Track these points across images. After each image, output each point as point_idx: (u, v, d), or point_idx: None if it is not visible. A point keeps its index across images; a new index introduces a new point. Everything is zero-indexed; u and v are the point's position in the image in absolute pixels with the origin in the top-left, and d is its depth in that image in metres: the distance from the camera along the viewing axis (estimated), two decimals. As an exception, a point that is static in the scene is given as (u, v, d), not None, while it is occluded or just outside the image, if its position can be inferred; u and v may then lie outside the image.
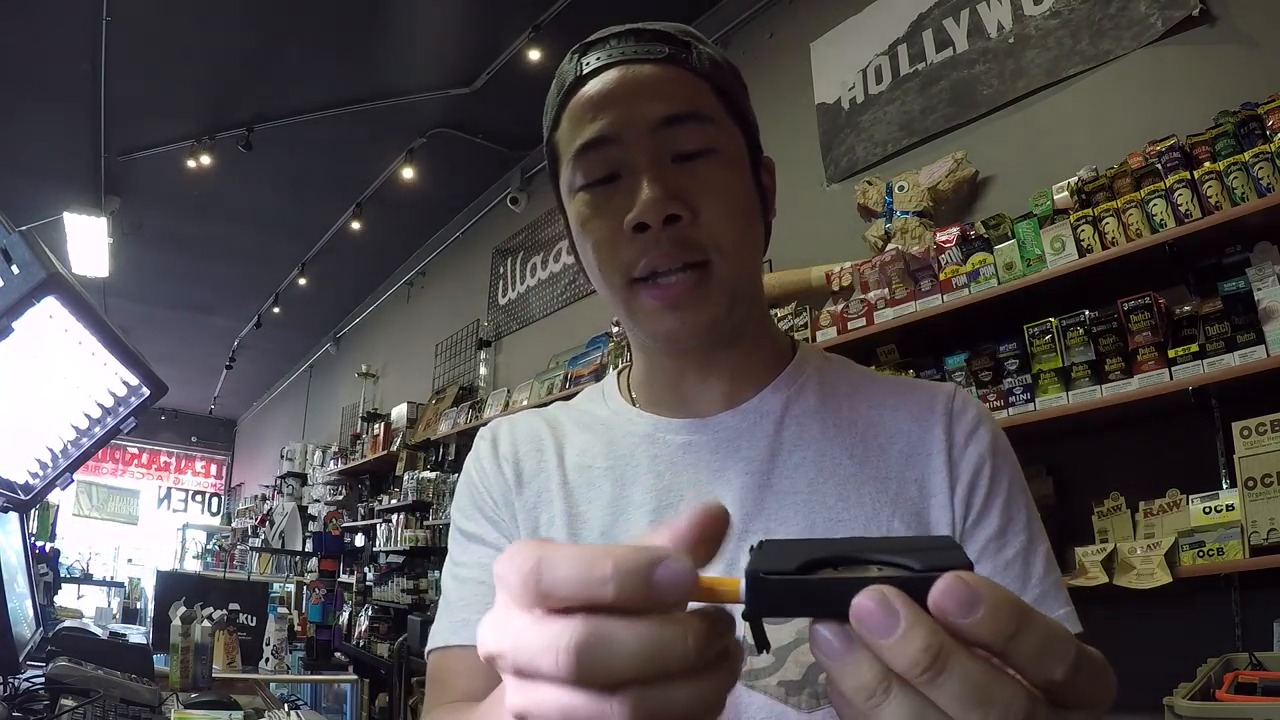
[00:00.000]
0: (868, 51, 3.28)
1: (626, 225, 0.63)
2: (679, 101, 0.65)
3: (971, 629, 0.26)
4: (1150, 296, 2.09)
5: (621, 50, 0.67)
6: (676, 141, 0.65)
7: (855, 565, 0.28)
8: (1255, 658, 1.74)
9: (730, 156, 0.68)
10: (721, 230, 0.65)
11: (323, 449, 7.91)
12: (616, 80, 0.66)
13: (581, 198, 0.68)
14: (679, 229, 0.64)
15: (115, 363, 1.34)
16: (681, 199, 0.64)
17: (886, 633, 0.26)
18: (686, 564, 0.28)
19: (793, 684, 0.60)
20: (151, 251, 6.54)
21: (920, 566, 0.27)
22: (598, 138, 0.65)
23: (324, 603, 4.63)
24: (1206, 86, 2.28)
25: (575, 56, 0.70)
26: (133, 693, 1.75)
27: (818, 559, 0.28)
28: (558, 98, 0.70)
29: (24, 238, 1.05)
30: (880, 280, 2.65)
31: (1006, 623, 0.26)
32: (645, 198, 0.63)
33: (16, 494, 1.44)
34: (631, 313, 0.68)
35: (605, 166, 0.66)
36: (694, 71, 0.67)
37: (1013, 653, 0.26)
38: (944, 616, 0.26)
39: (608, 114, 0.65)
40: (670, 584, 0.27)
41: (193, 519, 12.00)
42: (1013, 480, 0.68)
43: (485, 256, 5.84)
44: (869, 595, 0.26)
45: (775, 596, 0.28)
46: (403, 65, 4.47)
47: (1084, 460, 2.34)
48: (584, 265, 0.72)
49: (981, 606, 0.26)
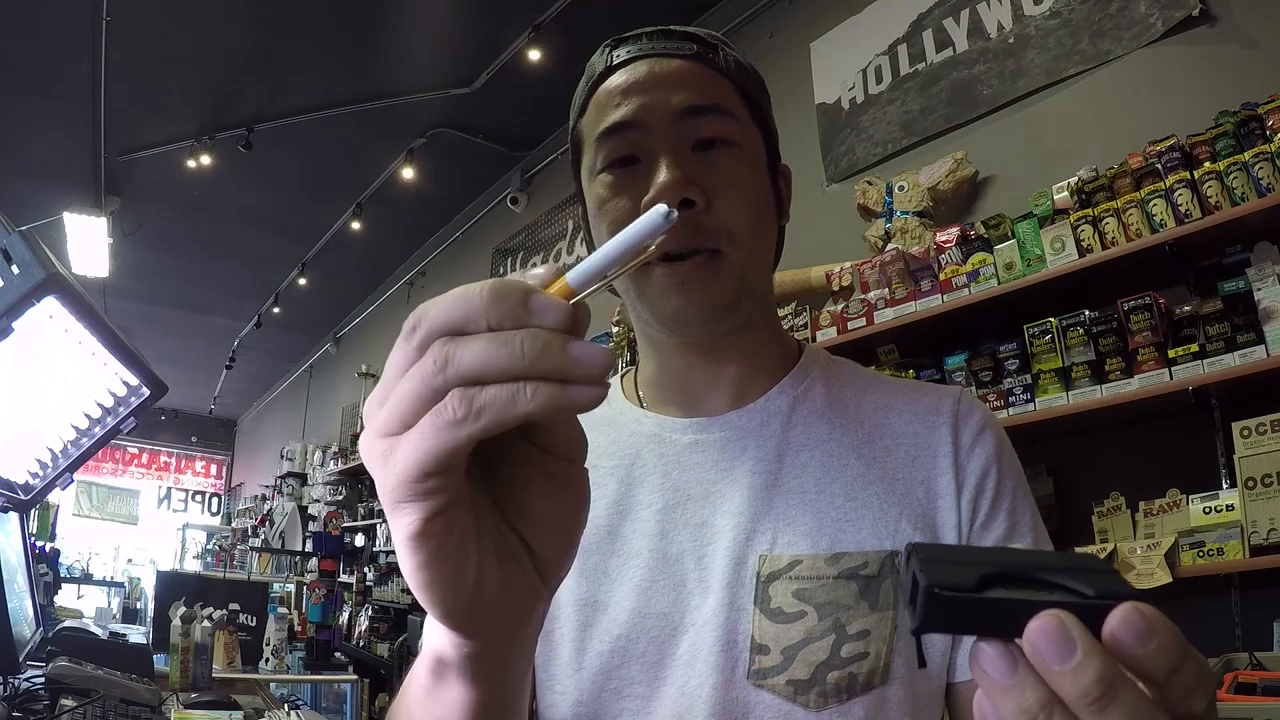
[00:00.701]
0: (868, 51, 3.28)
1: (643, 207, 0.65)
2: (702, 94, 0.68)
3: (1143, 661, 0.26)
4: (1150, 296, 2.09)
5: (652, 45, 0.70)
6: (697, 130, 0.67)
7: (1025, 584, 0.28)
8: (1255, 658, 1.74)
9: (748, 152, 0.70)
10: (734, 220, 0.67)
11: (323, 449, 7.90)
12: (645, 71, 0.68)
13: (601, 179, 0.69)
14: (693, 214, 0.65)
15: (115, 363, 1.33)
16: (698, 185, 0.65)
17: (1063, 660, 0.26)
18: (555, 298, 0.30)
19: (801, 683, 0.61)
20: (151, 251, 6.54)
21: (1092, 593, 0.27)
22: (622, 122, 0.67)
23: (324, 603, 4.63)
24: (1206, 86, 2.28)
25: (606, 49, 0.72)
26: (133, 693, 1.75)
27: (988, 575, 0.28)
28: (586, 86, 0.72)
29: (24, 238, 1.05)
30: (880, 280, 2.65)
31: (1175, 656, 0.26)
32: (663, 180, 0.64)
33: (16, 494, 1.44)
34: (640, 292, 0.69)
35: (626, 149, 0.68)
36: (719, 70, 0.70)
37: (1171, 685, 0.26)
38: (1118, 647, 0.26)
39: (633, 100, 0.67)
40: (544, 310, 0.30)
41: (193, 519, 12.00)
42: (1017, 484, 0.69)
43: (485, 256, 5.84)
44: (1047, 620, 0.26)
45: (948, 613, 0.27)
46: (403, 65, 4.47)
47: (1084, 460, 2.34)
48: (597, 246, 0.73)
49: (1155, 639, 0.26)
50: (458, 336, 0.30)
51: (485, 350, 0.29)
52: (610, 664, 0.64)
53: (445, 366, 0.30)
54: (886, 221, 2.88)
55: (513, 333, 0.30)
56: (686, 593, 0.65)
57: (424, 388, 0.30)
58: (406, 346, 0.32)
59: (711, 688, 0.61)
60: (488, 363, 0.29)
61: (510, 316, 0.30)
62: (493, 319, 0.30)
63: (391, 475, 0.31)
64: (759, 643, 0.62)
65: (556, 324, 0.30)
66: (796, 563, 0.64)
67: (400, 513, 0.32)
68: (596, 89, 0.71)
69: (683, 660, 0.63)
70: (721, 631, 0.62)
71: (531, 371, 0.29)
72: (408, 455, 0.31)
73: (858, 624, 0.61)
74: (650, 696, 0.63)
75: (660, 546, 0.67)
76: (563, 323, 0.30)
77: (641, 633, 0.64)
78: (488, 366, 0.29)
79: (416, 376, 0.31)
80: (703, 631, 0.63)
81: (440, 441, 0.30)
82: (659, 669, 0.64)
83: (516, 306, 0.30)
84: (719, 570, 0.65)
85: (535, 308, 0.30)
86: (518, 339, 0.29)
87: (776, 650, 0.61)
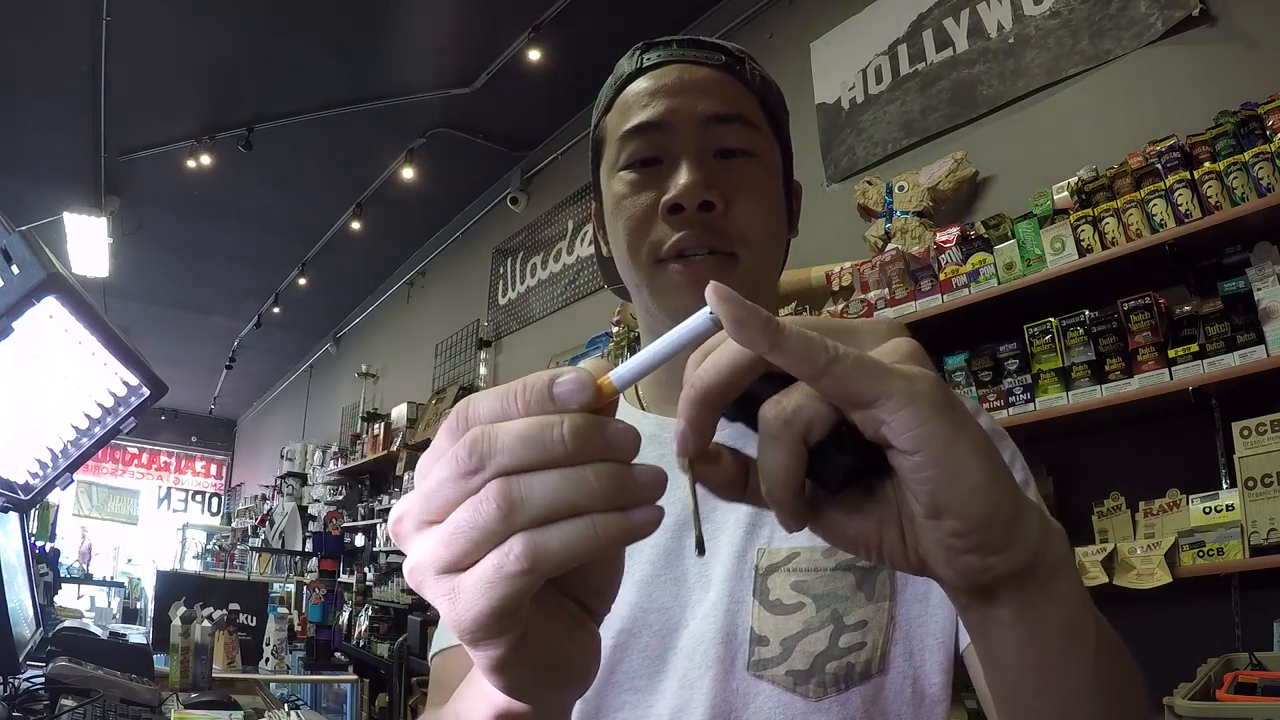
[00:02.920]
0: (868, 51, 3.28)
1: (663, 205, 0.67)
2: (728, 103, 0.70)
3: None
4: (1150, 296, 2.09)
5: (682, 53, 0.72)
6: (720, 139, 0.69)
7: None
8: (1255, 658, 1.74)
9: (767, 163, 0.72)
10: (750, 226, 0.69)
11: (323, 449, 7.90)
12: (674, 76, 0.71)
13: (622, 176, 0.71)
14: (711, 217, 0.67)
15: (115, 363, 1.33)
16: (718, 190, 0.67)
17: None
18: (583, 373, 0.30)
19: (800, 674, 0.62)
20: (151, 251, 6.54)
21: None
22: (648, 122, 0.69)
23: (324, 603, 4.62)
24: (1206, 86, 2.28)
25: (636, 53, 0.74)
26: (133, 693, 1.75)
27: None
28: (613, 86, 0.74)
29: (24, 238, 1.05)
30: (880, 280, 2.65)
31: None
32: (685, 182, 0.66)
33: (16, 494, 1.44)
34: (654, 287, 0.70)
35: (650, 149, 0.70)
36: (745, 83, 0.72)
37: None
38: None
39: (660, 103, 0.70)
40: (568, 392, 0.30)
41: (193, 519, 12.00)
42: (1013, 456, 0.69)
43: (485, 256, 5.84)
44: None
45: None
46: (403, 65, 4.47)
47: (1084, 460, 2.34)
48: (612, 243, 0.75)
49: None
50: (522, 474, 0.29)
51: (555, 491, 0.29)
52: (613, 657, 0.65)
53: (511, 514, 0.29)
54: (886, 221, 2.87)
55: (586, 472, 0.29)
56: (688, 588, 0.67)
57: (485, 534, 0.29)
58: (457, 457, 0.30)
59: (712, 679, 0.62)
60: (557, 504, 0.29)
61: (587, 449, 0.29)
62: (569, 449, 0.29)
63: (463, 619, 0.30)
64: (758, 634, 0.63)
65: (626, 455, 0.30)
66: (794, 555, 0.65)
67: (478, 650, 0.32)
68: (624, 90, 0.73)
69: (683, 652, 0.64)
70: (721, 624, 0.64)
71: (597, 506, 0.29)
72: (476, 604, 0.30)
73: (855, 614, 0.63)
74: (651, 689, 0.64)
75: (662, 543, 0.68)
76: (631, 453, 0.30)
77: (643, 627, 0.66)
78: (557, 509, 0.29)
79: (478, 521, 0.29)
80: (703, 624, 0.64)
81: (508, 589, 0.29)
82: (660, 661, 0.65)
83: (593, 437, 0.29)
84: (720, 565, 0.66)
85: (613, 440, 0.30)
86: (591, 479, 0.29)
87: (776, 641, 0.63)
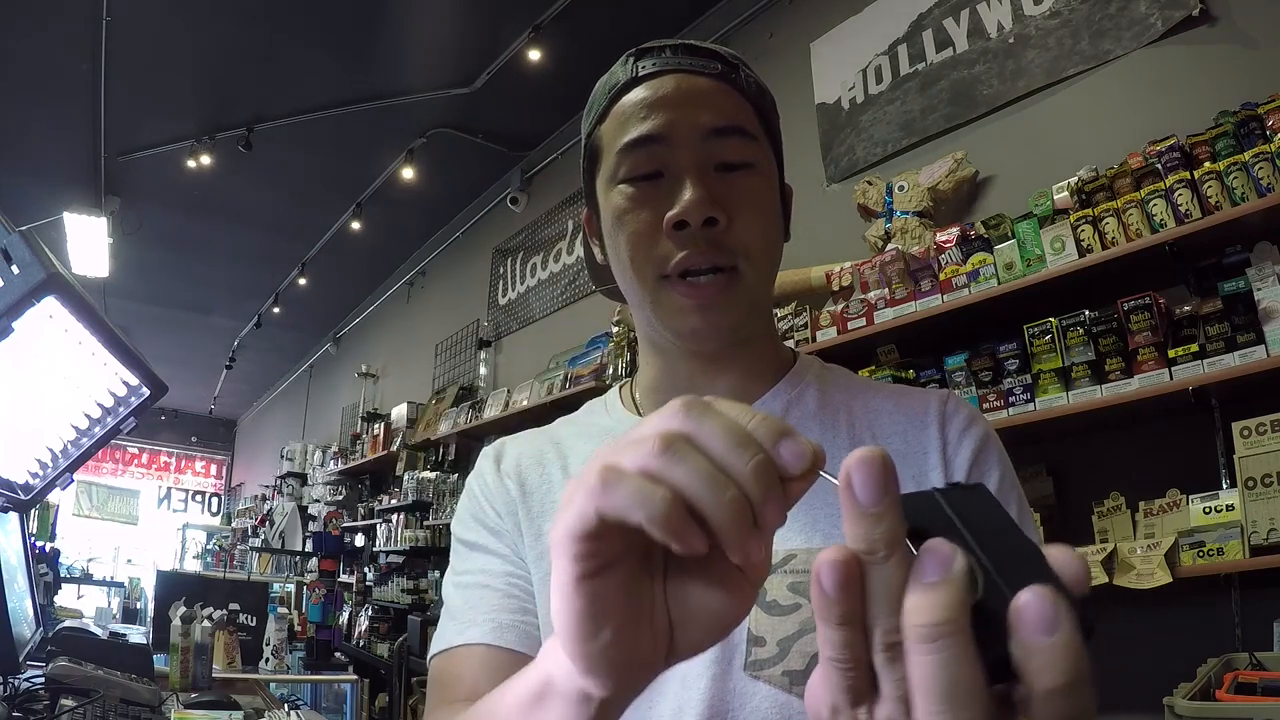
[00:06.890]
0: (868, 51, 3.28)
1: (667, 222, 0.67)
2: (728, 115, 0.70)
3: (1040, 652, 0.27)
4: (1150, 296, 2.09)
5: (678, 61, 0.71)
6: (722, 152, 0.69)
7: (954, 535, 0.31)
8: (1255, 658, 1.74)
9: (765, 173, 0.72)
10: (752, 239, 0.69)
11: (323, 449, 7.91)
12: (672, 86, 0.70)
13: (622, 190, 0.70)
14: (715, 232, 0.67)
15: (115, 363, 1.34)
16: (721, 205, 0.67)
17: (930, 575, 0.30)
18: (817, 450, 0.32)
19: (797, 674, 0.62)
20: (151, 251, 6.54)
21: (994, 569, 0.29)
22: (649, 135, 0.69)
23: (324, 603, 4.62)
24: (1206, 86, 2.28)
25: (630, 60, 0.73)
26: (133, 693, 1.75)
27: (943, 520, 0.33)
28: (607, 95, 0.73)
29: (24, 238, 1.05)
30: (880, 280, 2.65)
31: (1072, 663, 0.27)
32: (689, 198, 0.66)
33: (16, 494, 1.44)
34: (658, 306, 0.70)
35: (651, 163, 0.69)
36: (741, 91, 0.72)
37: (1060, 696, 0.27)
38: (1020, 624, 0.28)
39: (661, 115, 0.69)
40: (793, 455, 0.31)
41: (193, 519, 12.00)
42: (1004, 474, 0.71)
43: (485, 256, 5.84)
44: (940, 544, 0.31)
45: None
46: (403, 65, 4.47)
47: (1084, 460, 2.34)
48: (612, 256, 0.74)
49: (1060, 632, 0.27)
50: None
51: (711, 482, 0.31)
52: None
53: (672, 465, 0.31)
54: (886, 221, 2.87)
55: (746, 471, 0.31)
56: None
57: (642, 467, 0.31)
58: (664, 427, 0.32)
59: (710, 679, 0.63)
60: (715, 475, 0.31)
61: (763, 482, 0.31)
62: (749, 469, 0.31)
63: (607, 504, 0.32)
64: (755, 635, 0.64)
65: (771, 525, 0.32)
66: (791, 557, 0.65)
67: (558, 561, 0.34)
68: (619, 99, 0.72)
69: None
70: None
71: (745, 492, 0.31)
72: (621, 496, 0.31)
73: None
74: (650, 690, 0.64)
75: None
76: (772, 526, 0.32)
77: None
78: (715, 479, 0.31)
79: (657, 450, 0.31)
80: None
81: (652, 509, 0.31)
82: None
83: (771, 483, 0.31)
84: None
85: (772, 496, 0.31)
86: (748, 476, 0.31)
87: (772, 642, 0.63)
